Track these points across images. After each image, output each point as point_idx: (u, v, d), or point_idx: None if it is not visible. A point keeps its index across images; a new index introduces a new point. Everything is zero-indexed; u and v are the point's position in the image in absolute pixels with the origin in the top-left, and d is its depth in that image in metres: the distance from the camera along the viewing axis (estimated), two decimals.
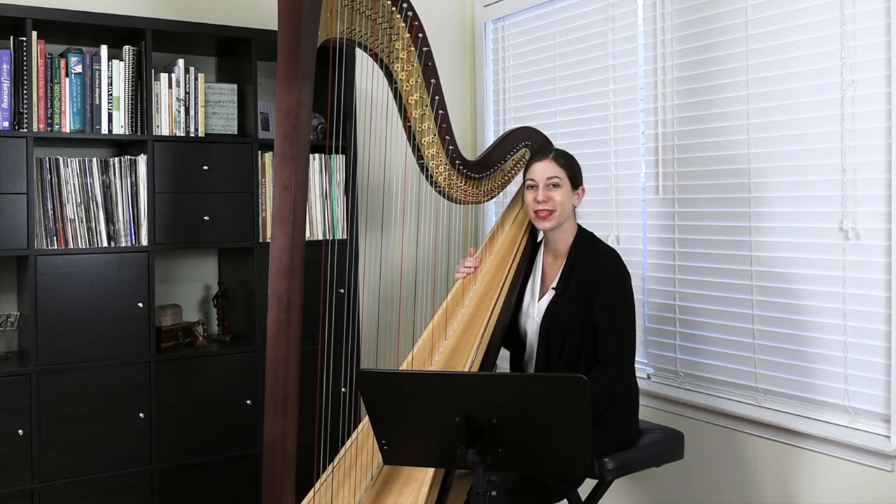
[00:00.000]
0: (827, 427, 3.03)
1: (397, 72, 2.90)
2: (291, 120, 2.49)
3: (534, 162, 3.06)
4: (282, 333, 2.49)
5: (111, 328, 3.49)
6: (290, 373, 2.51)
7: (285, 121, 2.50)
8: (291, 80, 2.49)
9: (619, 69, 3.80)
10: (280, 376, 2.50)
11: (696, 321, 3.49)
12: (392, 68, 2.89)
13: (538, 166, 3.03)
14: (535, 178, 3.01)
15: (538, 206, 2.99)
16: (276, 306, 2.50)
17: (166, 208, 3.59)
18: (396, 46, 2.87)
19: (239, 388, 3.74)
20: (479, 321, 3.01)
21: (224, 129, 3.83)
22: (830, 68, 2.98)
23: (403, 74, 2.90)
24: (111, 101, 3.52)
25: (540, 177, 3.00)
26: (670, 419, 3.49)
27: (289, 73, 2.49)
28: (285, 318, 2.49)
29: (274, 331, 2.50)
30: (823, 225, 3.03)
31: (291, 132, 2.49)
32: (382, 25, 2.81)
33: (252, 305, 3.79)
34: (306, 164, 2.52)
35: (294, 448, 2.56)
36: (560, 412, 2.07)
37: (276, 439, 2.53)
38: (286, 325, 2.49)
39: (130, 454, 3.53)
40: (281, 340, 2.50)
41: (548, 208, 2.97)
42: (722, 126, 3.34)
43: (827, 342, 3.03)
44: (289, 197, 2.48)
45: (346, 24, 2.67)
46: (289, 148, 2.49)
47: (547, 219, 2.98)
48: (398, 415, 2.22)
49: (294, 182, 2.48)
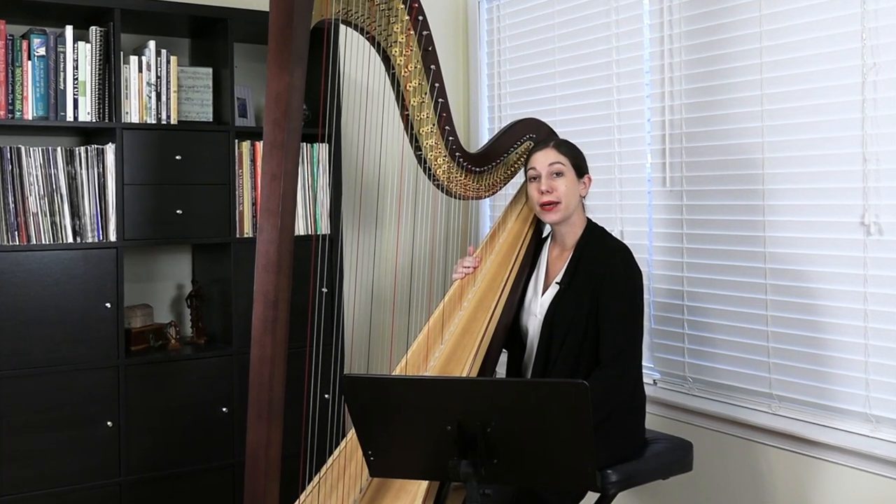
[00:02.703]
0: (847, 436, 3.02)
1: (395, 56, 2.91)
2: (282, 105, 2.50)
3: (534, 152, 3.08)
4: (268, 333, 2.50)
5: (76, 330, 3.49)
6: (276, 375, 2.52)
7: (275, 106, 2.51)
8: (283, 62, 2.50)
9: (622, 52, 3.80)
10: (265, 379, 2.51)
11: (706, 322, 3.48)
12: (390, 52, 2.90)
13: (539, 155, 3.05)
14: (536, 168, 3.03)
15: (543, 198, 3.00)
16: (261, 304, 2.50)
17: (136, 201, 3.59)
18: (395, 29, 2.87)
19: (214, 394, 3.73)
20: (478, 325, 3.01)
21: (198, 115, 3.83)
22: (850, 50, 2.97)
23: (402, 59, 2.91)
24: (77, 85, 3.52)
25: (542, 165, 3.02)
26: (678, 428, 3.48)
27: (280, 55, 2.50)
28: (272, 316, 2.50)
29: (259, 330, 2.51)
30: (843, 219, 3.02)
31: (282, 118, 2.50)
32: (380, 7, 2.82)
33: (229, 306, 3.79)
34: (297, 152, 2.54)
35: (279, 457, 2.57)
36: (560, 420, 2.06)
37: (259, 447, 2.54)
38: (273, 324, 2.50)
39: (97, 466, 3.52)
40: (267, 341, 2.51)
41: (553, 199, 2.99)
42: (734, 112, 3.34)
43: (847, 345, 3.02)
44: (278, 187, 2.49)
45: (341, 5, 2.68)
46: (279, 135, 2.50)
47: (553, 210, 3.00)
48: (385, 423, 2.23)
49: (283, 171, 2.50)
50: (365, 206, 4.27)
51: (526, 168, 3.11)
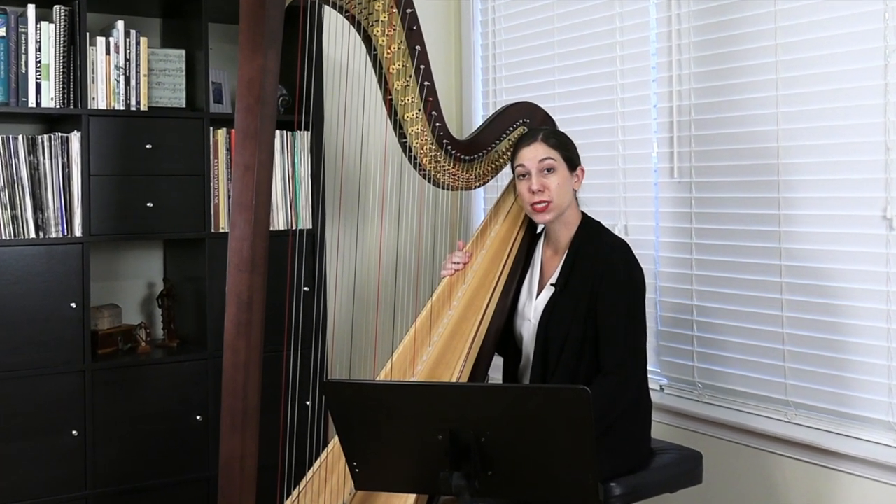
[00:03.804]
0: (868, 447, 3.02)
1: (377, 37, 2.91)
2: (255, 91, 2.51)
3: (521, 147, 3.05)
4: (241, 337, 2.51)
5: (39, 332, 3.48)
6: (251, 382, 2.53)
7: (248, 92, 2.52)
8: (255, 44, 2.50)
9: (626, 33, 3.79)
10: (239, 386, 2.52)
11: (717, 324, 3.48)
12: (371, 33, 2.90)
13: (526, 151, 3.02)
14: (525, 165, 3.01)
15: (534, 198, 2.98)
16: (234, 305, 2.51)
17: (103, 193, 3.58)
18: (376, 7, 2.88)
19: (187, 401, 3.73)
20: (468, 325, 3.01)
21: (170, 101, 3.83)
22: (872, 31, 2.97)
23: (384, 40, 2.92)
24: (39, 69, 3.52)
25: (531, 162, 3.00)
26: (686, 437, 3.48)
27: (252, 37, 2.50)
28: (246, 319, 2.51)
29: (232, 334, 2.51)
30: (864, 213, 3.02)
31: (255, 104, 2.51)
32: None
33: (203, 306, 3.80)
34: (271, 141, 2.55)
35: (254, 469, 2.58)
36: (559, 429, 2.07)
37: (233, 459, 2.55)
38: (246, 328, 2.51)
39: (62, 478, 3.51)
40: (240, 345, 2.51)
41: (545, 198, 2.97)
42: (747, 98, 3.34)
43: (869, 348, 3.03)
44: (251, 179, 2.50)
45: None
46: (252, 123, 2.51)
47: (545, 210, 2.98)
48: (371, 432, 2.23)
49: (257, 162, 2.50)
50: (346, 198, 4.28)
51: (513, 164, 3.09)
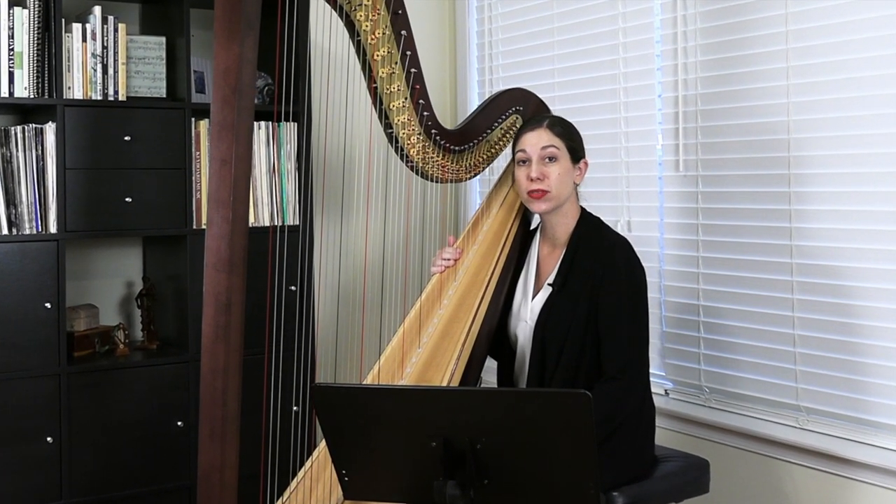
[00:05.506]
0: (883, 454, 3.03)
1: (360, 22, 2.89)
2: (231, 80, 2.50)
3: (524, 131, 3.06)
4: (220, 341, 2.50)
5: (12, 333, 3.49)
6: (230, 388, 2.52)
7: (224, 82, 2.51)
8: (232, 31, 2.49)
9: (630, 18, 3.79)
10: (218, 392, 2.51)
11: (724, 325, 3.49)
12: (354, 17, 2.89)
13: (530, 136, 3.02)
14: (526, 151, 3.01)
15: (531, 186, 2.98)
16: (212, 307, 2.51)
17: (80, 188, 3.59)
18: None
19: (168, 406, 3.75)
20: (459, 326, 3.01)
21: (150, 91, 3.84)
22: (889, 17, 2.97)
23: (368, 25, 2.90)
24: (12, 57, 3.52)
25: (533, 148, 3.00)
26: (693, 444, 3.49)
27: (228, 23, 2.50)
28: (224, 321, 2.50)
29: (210, 337, 2.51)
30: (880, 208, 3.02)
31: (231, 95, 2.50)
32: None
33: (184, 306, 3.81)
34: (249, 133, 2.54)
35: (235, 479, 2.58)
36: (559, 436, 2.06)
37: (212, 468, 2.54)
38: (225, 331, 2.50)
39: (36, 487, 3.51)
40: (219, 349, 2.51)
41: (543, 187, 2.97)
42: (756, 88, 3.34)
43: (884, 351, 3.03)
44: (228, 174, 2.49)
45: None
46: (228, 114, 2.50)
47: (542, 199, 2.98)
48: (361, 439, 2.22)
49: (234, 156, 2.49)
50: (331, 192, 4.29)
51: (514, 148, 3.09)
